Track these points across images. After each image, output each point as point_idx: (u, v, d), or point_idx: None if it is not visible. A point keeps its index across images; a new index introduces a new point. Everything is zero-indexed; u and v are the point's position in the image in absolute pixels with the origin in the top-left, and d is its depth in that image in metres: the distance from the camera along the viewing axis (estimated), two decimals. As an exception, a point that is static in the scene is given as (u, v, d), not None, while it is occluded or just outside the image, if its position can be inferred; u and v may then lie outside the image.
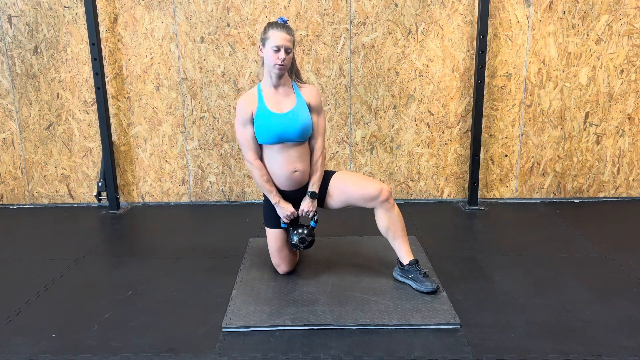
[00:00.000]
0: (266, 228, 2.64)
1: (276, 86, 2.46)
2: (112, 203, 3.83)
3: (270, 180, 2.51)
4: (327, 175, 2.58)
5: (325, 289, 2.49)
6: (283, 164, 2.46)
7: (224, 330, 2.17)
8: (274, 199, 2.51)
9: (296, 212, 2.54)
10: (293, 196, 2.56)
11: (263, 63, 2.45)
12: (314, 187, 2.51)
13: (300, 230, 2.53)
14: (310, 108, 2.48)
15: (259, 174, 2.48)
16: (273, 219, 2.59)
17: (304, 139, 2.47)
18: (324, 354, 1.99)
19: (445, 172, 3.86)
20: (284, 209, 2.52)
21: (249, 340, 2.10)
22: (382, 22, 3.61)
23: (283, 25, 2.40)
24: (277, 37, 2.34)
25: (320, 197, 2.57)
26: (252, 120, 2.45)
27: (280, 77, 2.43)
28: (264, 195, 2.59)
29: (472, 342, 2.06)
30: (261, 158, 2.51)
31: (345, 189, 2.52)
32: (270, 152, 2.47)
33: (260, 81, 2.52)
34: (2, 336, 2.16)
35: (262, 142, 2.45)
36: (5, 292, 2.57)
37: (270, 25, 2.40)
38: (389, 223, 2.48)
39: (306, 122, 2.44)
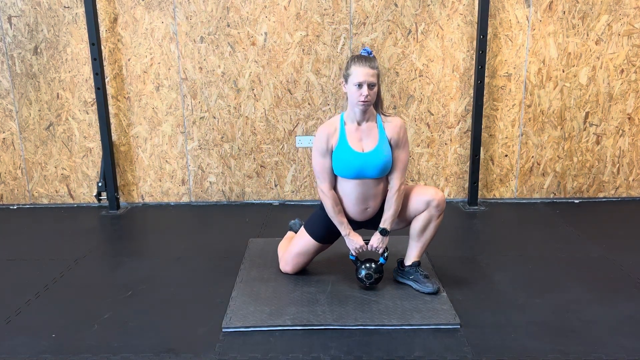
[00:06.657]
0: (305, 231, 2.55)
1: (360, 122, 2.37)
2: (112, 203, 3.83)
3: (342, 211, 2.42)
4: None
5: (325, 289, 2.49)
6: (357, 200, 2.39)
7: (224, 330, 2.17)
8: (344, 231, 2.43)
9: (365, 245, 2.44)
10: (360, 225, 2.50)
11: (347, 97, 2.35)
12: (386, 223, 2.40)
13: (368, 265, 2.42)
14: (392, 144, 2.37)
15: (332, 204, 2.39)
16: (320, 232, 2.52)
17: (383, 175, 2.38)
18: (324, 354, 1.99)
19: (445, 172, 3.86)
20: (354, 242, 2.43)
21: (249, 340, 2.10)
22: (382, 22, 3.61)
23: (366, 58, 2.28)
24: (359, 73, 2.23)
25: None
26: (330, 152, 2.37)
27: (364, 112, 2.34)
28: (320, 202, 2.49)
29: (472, 342, 2.06)
30: (334, 187, 2.42)
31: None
32: (345, 184, 2.39)
33: (344, 111, 2.41)
34: (2, 336, 2.17)
35: (339, 175, 2.38)
36: (5, 292, 2.57)
37: (353, 60, 2.29)
38: (427, 229, 2.41)
39: (386, 161, 2.35)
